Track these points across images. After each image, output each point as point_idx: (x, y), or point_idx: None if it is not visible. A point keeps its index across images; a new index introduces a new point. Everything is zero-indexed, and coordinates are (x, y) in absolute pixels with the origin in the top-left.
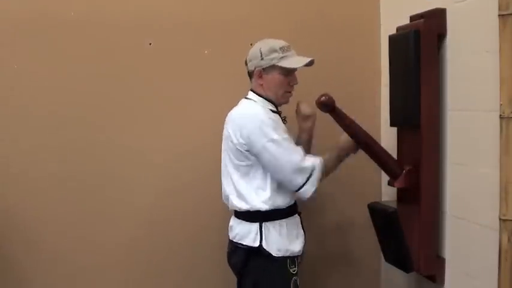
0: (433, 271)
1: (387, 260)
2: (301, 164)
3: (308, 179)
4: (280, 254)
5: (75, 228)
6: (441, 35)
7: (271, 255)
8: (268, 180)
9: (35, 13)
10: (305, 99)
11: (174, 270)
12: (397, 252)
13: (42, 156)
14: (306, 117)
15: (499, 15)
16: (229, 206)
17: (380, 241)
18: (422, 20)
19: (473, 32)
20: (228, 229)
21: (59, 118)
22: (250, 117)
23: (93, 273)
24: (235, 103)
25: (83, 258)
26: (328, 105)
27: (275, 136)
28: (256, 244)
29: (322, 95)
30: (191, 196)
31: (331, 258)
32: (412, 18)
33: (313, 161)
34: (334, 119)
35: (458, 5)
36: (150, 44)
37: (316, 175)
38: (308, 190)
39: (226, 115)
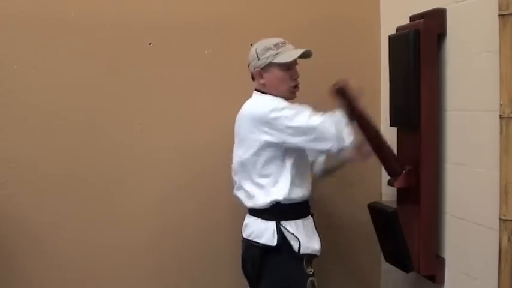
0: (433, 271)
1: (387, 260)
2: (317, 127)
3: (338, 138)
4: (302, 251)
5: (78, 228)
6: (441, 35)
7: (291, 252)
8: (286, 173)
9: (35, 13)
10: (305, 99)
11: (180, 271)
12: (397, 252)
13: (44, 157)
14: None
15: (499, 15)
16: (246, 203)
17: (380, 241)
18: (422, 20)
19: (473, 32)
20: (240, 228)
21: (59, 118)
22: (259, 108)
23: (97, 274)
24: (235, 102)
25: (86, 259)
26: (344, 91)
27: (289, 112)
28: (274, 243)
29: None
30: (194, 196)
31: (331, 258)
32: (412, 18)
33: (328, 121)
34: (346, 106)
35: (458, 5)
36: (150, 44)
37: (341, 130)
38: (347, 147)
39: (226, 114)
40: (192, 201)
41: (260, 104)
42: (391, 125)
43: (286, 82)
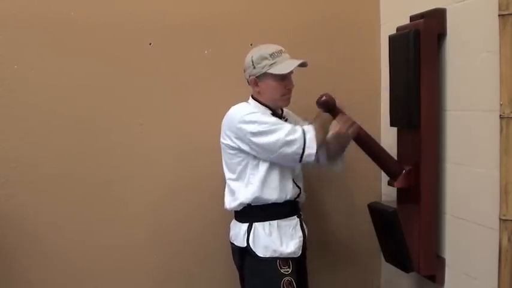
0: (433, 271)
1: (387, 260)
2: (287, 138)
3: (304, 145)
4: (267, 255)
5: (78, 228)
6: (441, 35)
7: (257, 255)
8: (258, 175)
9: (35, 13)
10: (305, 99)
11: (178, 271)
12: (397, 252)
13: (44, 157)
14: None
15: (499, 15)
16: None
17: (380, 241)
18: (422, 20)
19: (473, 32)
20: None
21: (59, 118)
22: (234, 114)
23: (96, 274)
24: (235, 102)
25: (86, 259)
26: (329, 105)
27: (256, 128)
28: (244, 244)
29: (322, 95)
30: (193, 196)
31: (331, 258)
32: (412, 18)
33: (300, 129)
34: (335, 118)
35: (458, 5)
36: (150, 44)
37: (309, 136)
38: (310, 154)
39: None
40: (192, 201)
41: (236, 119)
42: (391, 125)
43: (280, 91)
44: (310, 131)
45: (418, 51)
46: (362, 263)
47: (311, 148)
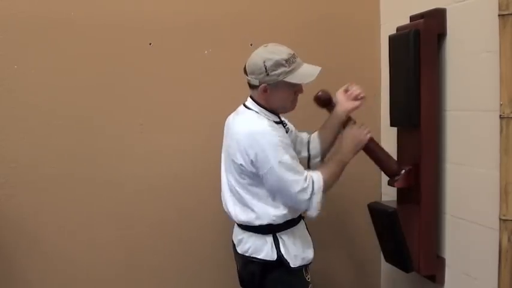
0: (433, 271)
1: (387, 260)
2: (300, 197)
3: (309, 203)
4: (297, 264)
5: (78, 228)
6: (441, 35)
7: (290, 266)
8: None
9: (35, 13)
10: (305, 99)
11: (178, 271)
12: (397, 252)
13: (44, 157)
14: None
15: (499, 15)
16: (236, 221)
17: (380, 241)
18: (422, 20)
19: (473, 32)
20: (231, 236)
21: (59, 118)
22: (257, 136)
23: (96, 274)
24: (235, 103)
25: (86, 259)
26: (325, 100)
27: (281, 159)
28: (274, 257)
29: (319, 91)
30: (193, 196)
31: (331, 258)
32: (412, 18)
33: (311, 188)
34: (330, 112)
35: (458, 5)
36: (150, 44)
37: (315, 199)
38: (312, 213)
39: (226, 114)
40: (192, 200)
41: (260, 145)
42: (391, 125)
43: (291, 98)
44: (318, 192)
45: (418, 51)
46: (362, 263)
47: (314, 210)
